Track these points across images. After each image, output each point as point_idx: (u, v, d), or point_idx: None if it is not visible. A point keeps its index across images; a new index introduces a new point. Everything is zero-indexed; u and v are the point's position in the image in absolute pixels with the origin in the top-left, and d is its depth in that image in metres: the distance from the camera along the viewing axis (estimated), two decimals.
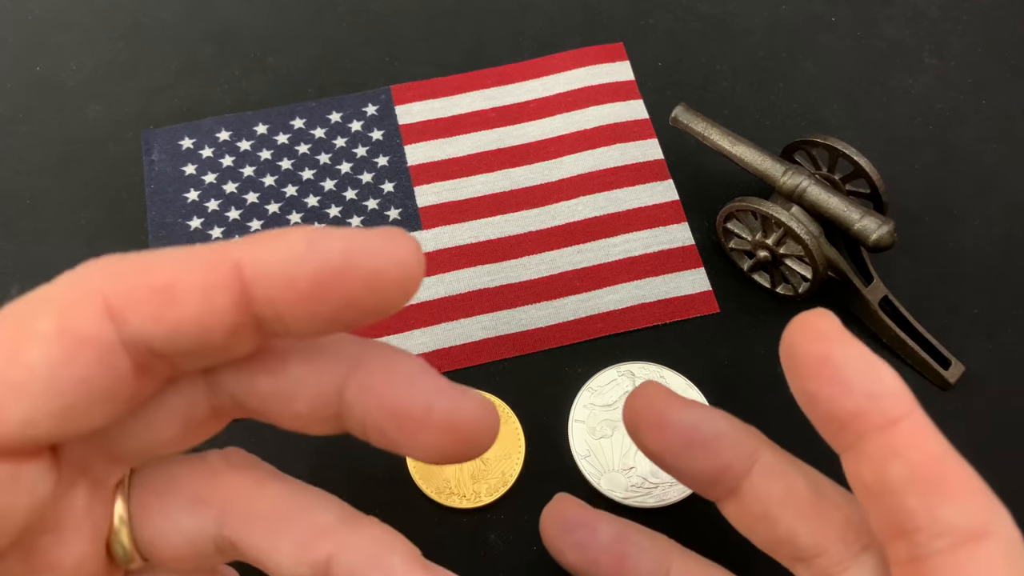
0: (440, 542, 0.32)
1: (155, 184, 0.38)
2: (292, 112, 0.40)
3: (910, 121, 0.41)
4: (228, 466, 0.20)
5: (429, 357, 0.35)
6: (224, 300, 0.16)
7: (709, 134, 0.36)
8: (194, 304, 0.16)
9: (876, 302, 0.35)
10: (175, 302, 0.16)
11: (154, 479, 0.20)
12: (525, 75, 0.41)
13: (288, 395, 0.18)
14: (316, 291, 0.16)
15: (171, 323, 0.16)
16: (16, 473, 0.17)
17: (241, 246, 0.16)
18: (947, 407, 0.34)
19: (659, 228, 0.38)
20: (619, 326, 0.36)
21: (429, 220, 0.38)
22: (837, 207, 0.33)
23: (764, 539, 0.23)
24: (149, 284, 0.16)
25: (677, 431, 0.23)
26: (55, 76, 0.41)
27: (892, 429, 0.19)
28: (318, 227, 0.16)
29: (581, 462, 0.33)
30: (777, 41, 0.43)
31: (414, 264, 0.17)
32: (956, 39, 0.43)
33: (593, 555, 0.26)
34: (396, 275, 0.16)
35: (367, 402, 0.18)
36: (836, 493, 0.23)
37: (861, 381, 0.19)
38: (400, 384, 0.18)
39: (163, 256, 0.17)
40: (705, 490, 0.24)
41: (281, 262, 0.16)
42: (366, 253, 0.16)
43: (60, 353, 0.16)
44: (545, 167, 0.39)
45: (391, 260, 0.16)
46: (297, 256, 0.16)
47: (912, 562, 0.19)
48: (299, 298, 0.16)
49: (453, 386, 0.18)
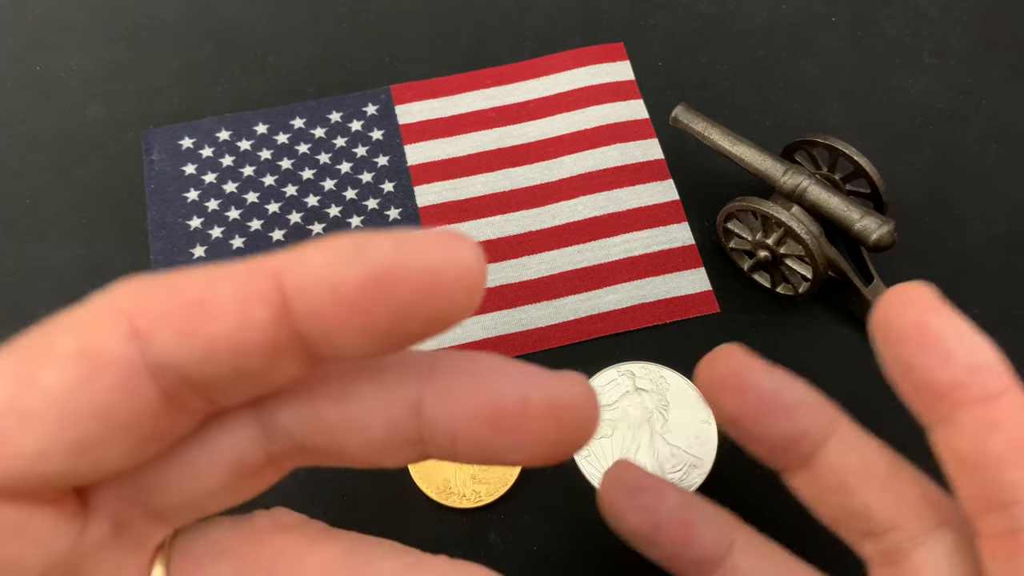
0: (440, 542, 0.32)
1: (155, 184, 0.38)
2: (292, 112, 0.40)
3: (910, 121, 0.41)
4: (275, 528, 0.18)
5: None
6: (263, 313, 0.14)
7: (709, 134, 0.36)
8: (229, 319, 0.14)
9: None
10: (207, 317, 0.14)
11: (195, 543, 0.18)
12: (525, 75, 0.41)
13: (360, 422, 0.16)
14: (365, 299, 0.14)
15: (203, 342, 0.14)
16: (26, 519, 0.15)
17: (281, 256, 0.15)
18: None
19: (659, 228, 0.38)
20: (619, 326, 0.36)
21: (429, 220, 0.38)
22: (837, 207, 0.33)
23: (835, 511, 0.22)
24: (178, 299, 0.14)
25: (757, 395, 0.22)
26: (55, 76, 0.41)
27: (993, 402, 0.19)
28: (367, 231, 0.15)
29: (581, 462, 0.33)
30: (777, 41, 0.43)
31: (475, 266, 0.15)
32: (956, 39, 0.43)
33: (658, 520, 0.25)
34: (455, 277, 0.14)
35: (453, 410, 0.16)
36: (911, 470, 0.22)
37: (962, 352, 0.19)
38: (486, 381, 0.16)
39: (195, 272, 0.15)
40: (776, 458, 0.23)
41: (325, 267, 0.14)
42: (420, 254, 0.14)
43: (78, 375, 0.14)
44: (545, 167, 0.39)
45: (449, 260, 0.14)
46: (342, 260, 0.14)
47: (1009, 535, 0.19)
48: (347, 309, 0.14)
49: (544, 370, 0.16)
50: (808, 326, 0.36)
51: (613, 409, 0.34)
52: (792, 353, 0.35)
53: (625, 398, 0.34)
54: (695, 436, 0.33)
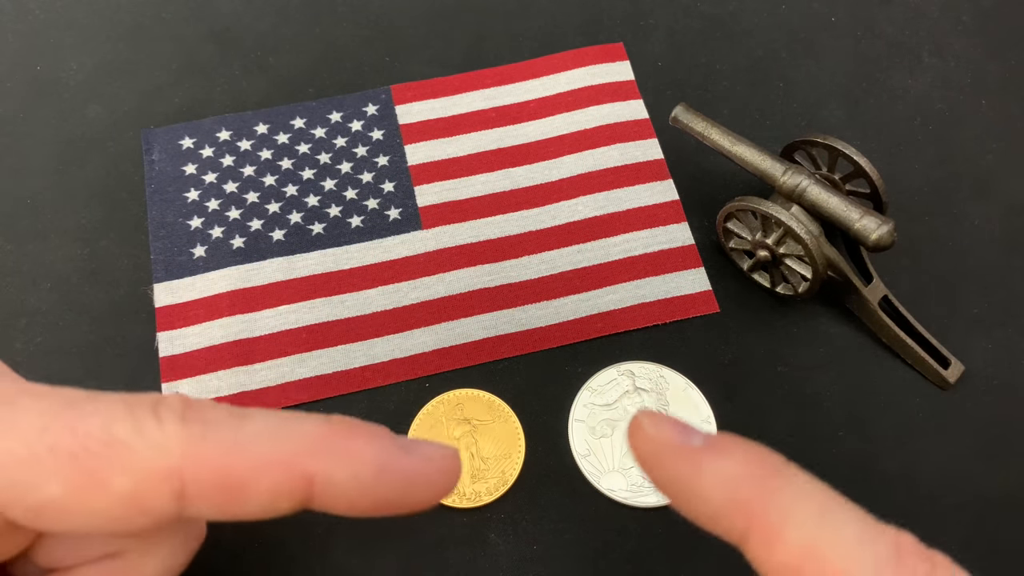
0: (440, 542, 0.32)
1: (155, 184, 0.38)
2: (292, 112, 0.40)
3: (910, 121, 0.41)
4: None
5: (429, 356, 0.35)
6: (285, 507, 0.17)
7: (709, 134, 0.36)
8: (258, 506, 0.17)
9: (876, 302, 0.35)
10: (243, 501, 0.17)
11: None
12: (525, 75, 0.41)
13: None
14: (369, 512, 0.18)
15: (229, 515, 0.18)
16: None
17: (315, 457, 0.18)
18: (947, 407, 0.34)
19: (659, 228, 0.38)
20: (619, 326, 0.36)
21: (429, 220, 0.38)
22: (837, 207, 0.33)
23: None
24: (226, 480, 0.17)
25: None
26: (55, 76, 0.41)
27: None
28: (386, 444, 0.18)
29: (581, 462, 0.33)
30: (777, 41, 0.43)
31: (452, 489, 0.19)
32: (956, 39, 0.43)
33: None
34: (435, 500, 0.19)
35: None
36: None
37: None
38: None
39: (245, 441, 0.18)
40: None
41: (348, 486, 0.18)
42: (424, 490, 0.19)
43: (121, 513, 0.17)
44: (545, 167, 0.39)
45: (440, 494, 0.19)
46: (365, 486, 0.18)
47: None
48: (354, 511, 0.18)
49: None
50: (807, 326, 0.36)
51: (613, 409, 0.34)
52: (791, 353, 0.35)
53: (625, 398, 0.34)
54: None
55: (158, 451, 0.17)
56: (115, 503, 0.17)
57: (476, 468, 0.32)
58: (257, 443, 0.18)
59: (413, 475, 0.18)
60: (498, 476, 0.32)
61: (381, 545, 0.32)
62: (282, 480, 0.17)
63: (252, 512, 0.18)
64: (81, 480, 0.17)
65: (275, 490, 0.17)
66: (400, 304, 0.36)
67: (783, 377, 0.35)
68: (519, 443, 0.33)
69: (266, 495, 0.17)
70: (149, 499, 0.17)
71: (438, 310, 0.36)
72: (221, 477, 0.17)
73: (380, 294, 0.36)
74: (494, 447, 0.33)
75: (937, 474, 0.33)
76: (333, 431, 0.18)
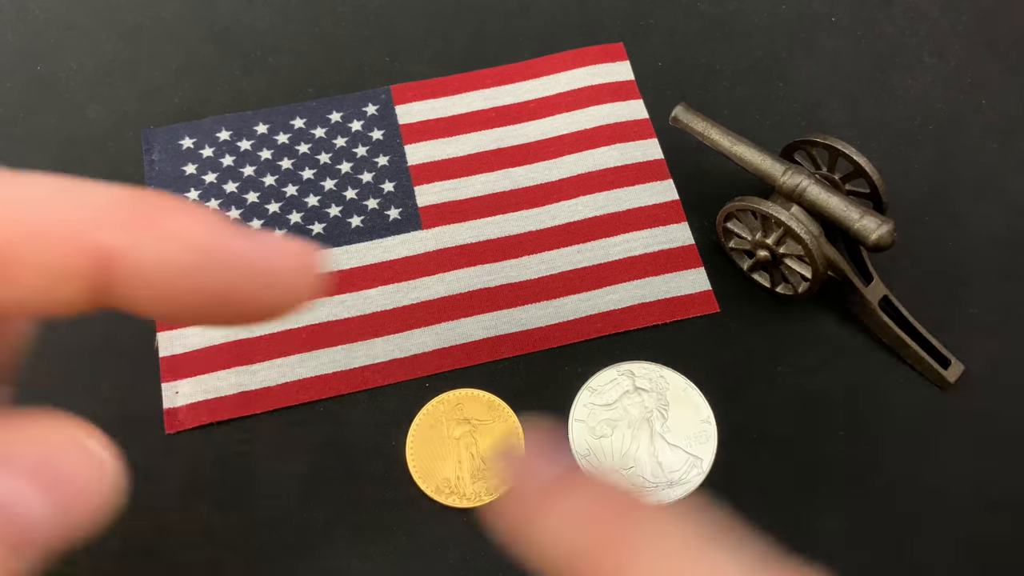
0: (440, 542, 0.32)
1: (155, 184, 0.38)
2: (292, 112, 0.40)
3: (910, 121, 0.41)
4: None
5: (429, 356, 0.35)
6: (72, 293, 0.13)
7: (709, 134, 0.36)
8: (32, 289, 0.13)
9: (876, 302, 0.35)
10: (10, 281, 0.13)
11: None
12: (525, 75, 0.41)
13: None
14: (198, 317, 0.13)
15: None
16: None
17: (113, 229, 0.13)
18: (947, 406, 0.34)
19: (659, 228, 0.38)
20: (619, 326, 0.36)
21: (429, 220, 0.38)
22: (837, 207, 0.33)
23: None
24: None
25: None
26: (55, 76, 0.41)
27: None
28: (214, 223, 0.13)
29: (581, 462, 0.33)
30: (777, 41, 0.43)
31: (310, 291, 0.14)
32: (956, 39, 0.43)
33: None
34: (289, 302, 0.14)
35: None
36: None
37: None
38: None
39: (9, 201, 0.13)
40: None
41: (162, 272, 0.13)
42: (271, 286, 0.14)
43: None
44: (545, 167, 0.39)
45: (295, 295, 0.14)
46: (185, 272, 0.13)
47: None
48: (168, 305, 0.13)
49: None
50: (807, 326, 0.36)
51: (613, 408, 0.34)
52: (791, 353, 0.35)
53: (625, 397, 0.34)
54: (695, 435, 0.33)
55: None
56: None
57: (476, 468, 0.32)
58: (27, 204, 0.13)
59: (252, 263, 0.14)
60: (498, 476, 0.32)
61: (380, 545, 0.32)
62: (63, 252, 0.13)
63: (26, 297, 0.13)
64: None
65: (53, 265, 0.13)
66: (400, 304, 0.36)
67: (783, 377, 0.35)
68: (519, 443, 0.33)
69: (42, 272, 0.13)
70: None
71: (438, 310, 0.36)
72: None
73: (380, 294, 0.36)
74: (494, 447, 0.33)
75: (937, 474, 0.33)
76: (140, 202, 0.13)
